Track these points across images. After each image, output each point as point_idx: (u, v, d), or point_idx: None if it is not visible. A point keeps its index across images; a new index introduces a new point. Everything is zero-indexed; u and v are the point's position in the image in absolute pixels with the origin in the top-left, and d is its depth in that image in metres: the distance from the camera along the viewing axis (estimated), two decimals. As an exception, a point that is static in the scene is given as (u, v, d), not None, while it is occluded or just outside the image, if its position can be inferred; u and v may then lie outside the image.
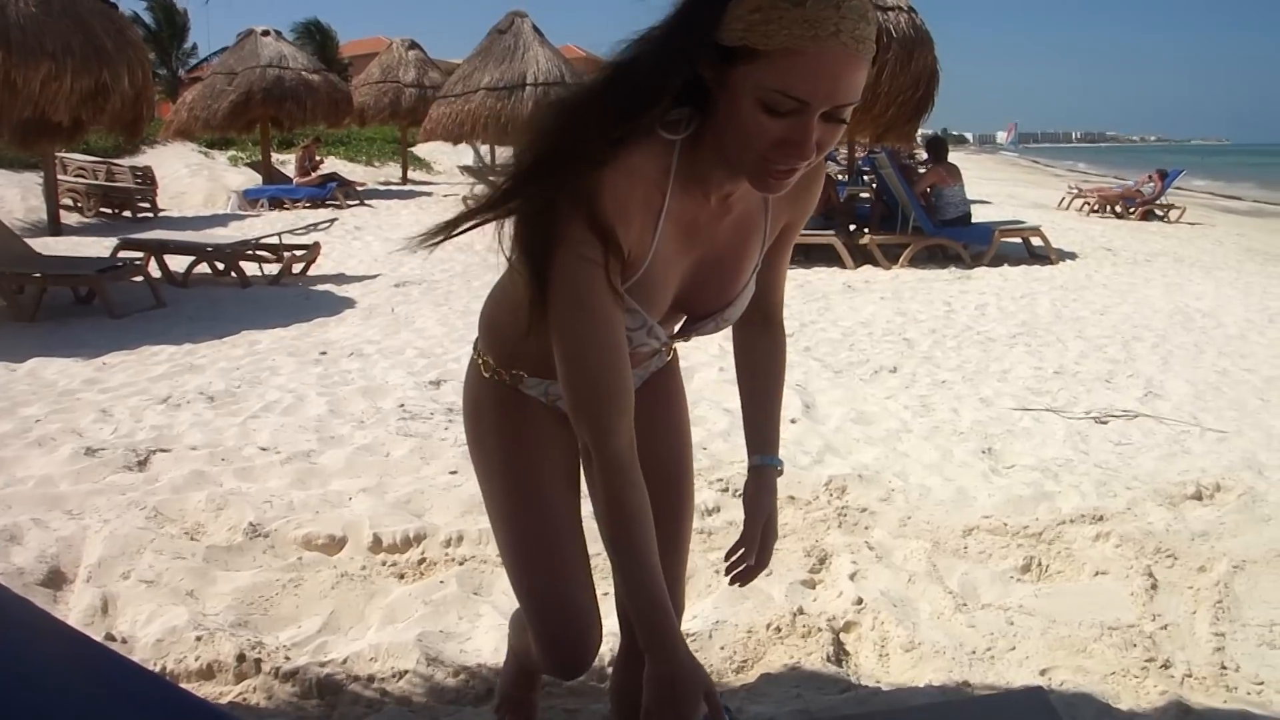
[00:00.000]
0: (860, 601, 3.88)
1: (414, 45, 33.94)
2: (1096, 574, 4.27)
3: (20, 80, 9.37)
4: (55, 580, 4.11)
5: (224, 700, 3.30)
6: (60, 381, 7.36)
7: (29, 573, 4.04)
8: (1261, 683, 3.41)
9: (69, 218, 19.78)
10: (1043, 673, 3.47)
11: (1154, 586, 4.09)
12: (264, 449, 5.68)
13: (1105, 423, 6.50)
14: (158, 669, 3.32)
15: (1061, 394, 7.22)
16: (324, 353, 8.25)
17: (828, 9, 1.58)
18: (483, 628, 3.70)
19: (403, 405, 6.64)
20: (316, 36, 56.55)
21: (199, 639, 3.54)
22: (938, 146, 15.59)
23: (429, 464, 5.53)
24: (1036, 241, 15.16)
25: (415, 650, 3.48)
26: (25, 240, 12.02)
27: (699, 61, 1.70)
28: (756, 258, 2.08)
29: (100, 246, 14.03)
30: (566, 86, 1.96)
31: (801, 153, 1.68)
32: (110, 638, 3.61)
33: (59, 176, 19.59)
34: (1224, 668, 3.49)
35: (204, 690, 3.32)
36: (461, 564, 4.26)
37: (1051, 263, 14.51)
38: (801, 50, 1.58)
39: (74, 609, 3.83)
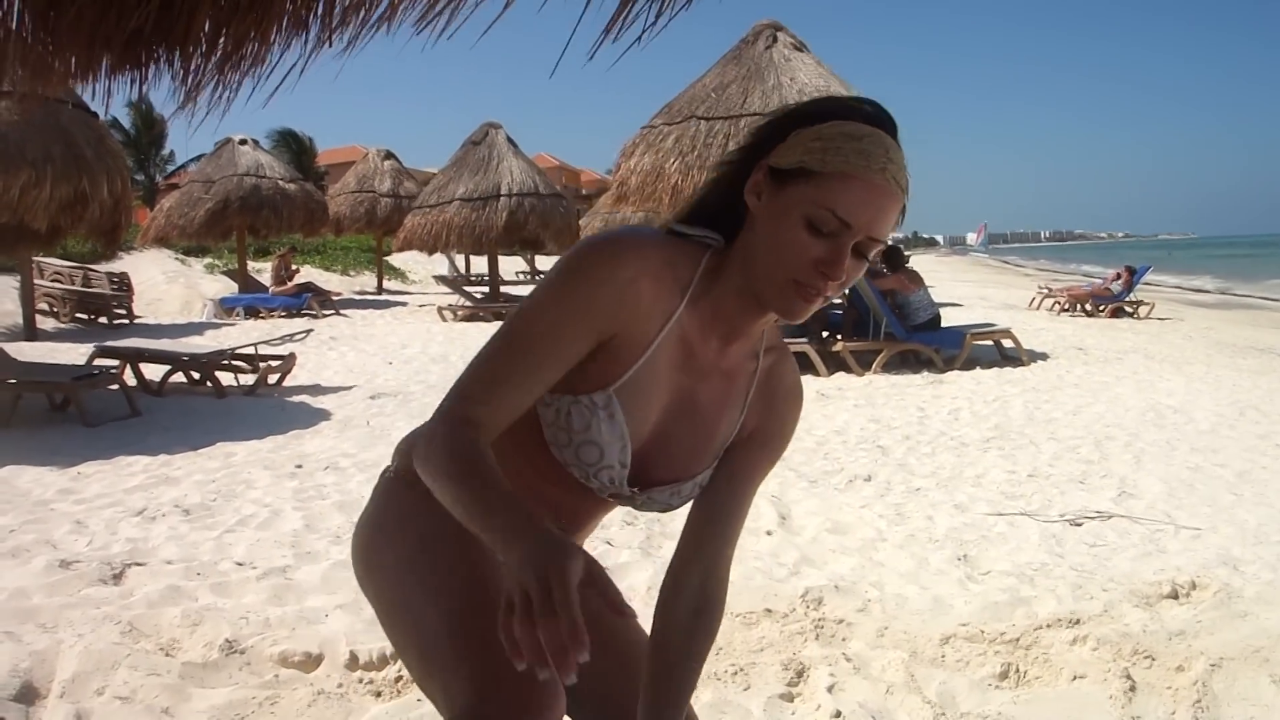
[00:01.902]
0: (839, 714, 3.87)
1: (390, 155, 34.31)
2: (1075, 678, 4.26)
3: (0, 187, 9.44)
4: (28, 695, 4.06)
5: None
6: (34, 491, 7.33)
7: (2, 688, 4.00)
8: (1241, 786, 3.42)
9: (45, 323, 19.81)
10: (1023, 782, 3.47)
11: (1132, 688, 4.10)
12: (240, 564, 5.66)
13: (1080, 524, 6.53)
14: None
15: (1036, 497, 7.26)
16: (299, 466, 8.23)
17: (879, 148, 1.76)
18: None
19: (379, 519, 6.58)
20: (293, 145, 57.15)
21: (174, 758, 3.52)
22: (893, 257, 15.70)
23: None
24: (1008, 343, 15.30)
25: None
26: (0, 345, 12.04)
27: (750, 180, 1.84)
28: (727, 433, 2.07)
29: (76, 353, 14.05)
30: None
31: (835, 272, 1.76)
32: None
33: (35, 281, 19.66)
34: (1204, 771, 3.50)
35: (179, 813, 3.29)
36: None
37: (1024, 364, 14.64)
38: (854, 175, 1.73)
39: (48, 727, 3.80)
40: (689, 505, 2.15)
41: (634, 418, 1.92)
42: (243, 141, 26.29)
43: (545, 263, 44.36)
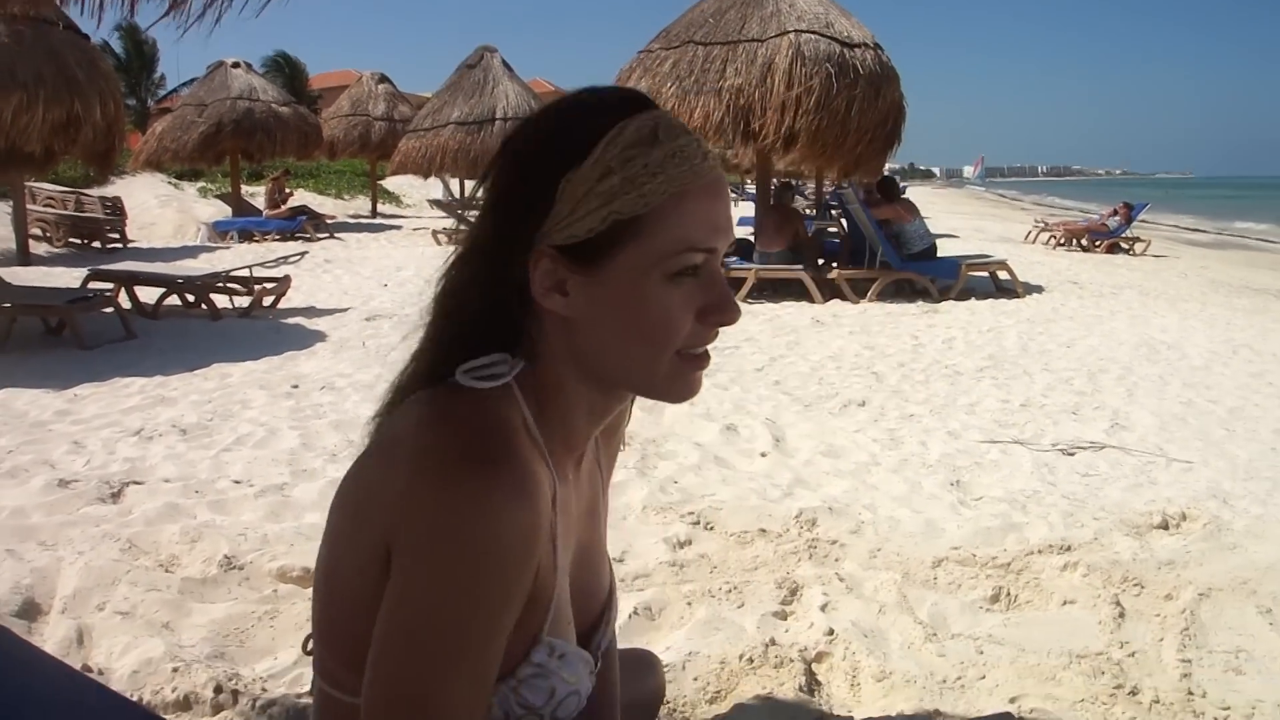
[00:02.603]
0: (831, 632, 3.91)
1: (384, 79, 34.08)
2: (1065, 603, 4.30)
3: (-9, 110, 9.41)
4: (30, 611, 4.10)
5: (201, 732, 3.31)
6: (31, 412, 7.35)
7: (4, 604, 4.03)
8: (1228, 708, 3.46)
9: (38, 247, 19.74)
10: (1012, 700, 3.50)
11: (1121, 615, 4.13)
12: (237, 482, 5.69)
13: (1072, 454, 6.57)
14: (135, 700, 3.33)
15: (1029, 426, 7.30)
16: (295, 386, 8.24)
17: (682, 137, 1.34)
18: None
19: (376, 439, 6.61)
20: (285, 69, 56.71)
21: (175, 670, 3.54)
22: (887, 187, 15.69)
23: (404, 497, 5.54)
24: (1003, 275, 15.29)
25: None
26: (-7, 270, 12.03)
27: (535, 279, 1.35)
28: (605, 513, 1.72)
29: (70, 277, 14.00)
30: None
31: (731, 308, 1.37)
32: (87, 669, 3.60)
33: (28, 206, 19.56)
34: (1190, 694, 3.54)
35: (181, 722, 3.33)
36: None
37: (1018, 296, 14.64)
38: (688, 190, 1.31)
39: (49, 640, 3.82)
40: None
41: (569, 617, 1.49)
42: (235, 65, 26.05)
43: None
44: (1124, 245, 24.43)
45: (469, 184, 34.14)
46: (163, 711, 3.38)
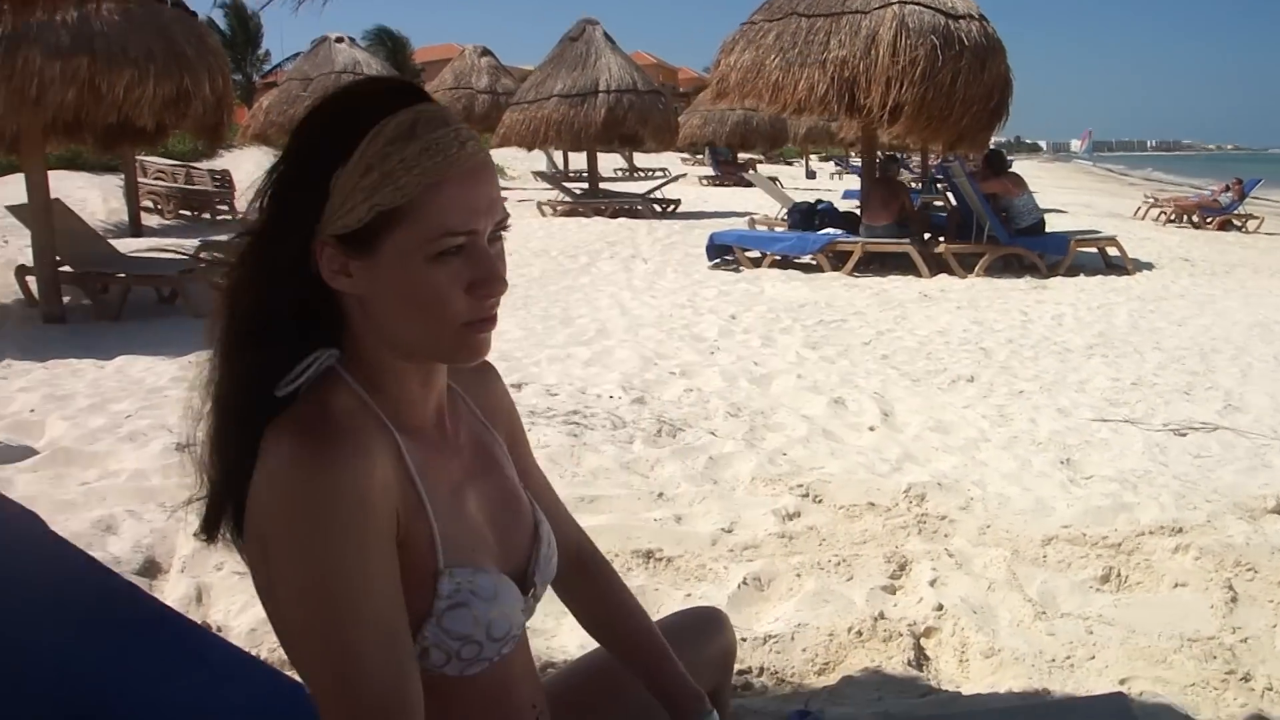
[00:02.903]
0: (940, 608, 3.90)
1: (486, 52, 34.20)
2: (1176, 585, 4.24)
3: (105, 86, 9.56)
4: (150, 570, 4.22)
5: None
6: (148, 379, 7.52)
7: (125, 562, 4.15)
8: (1344, 697, 3.40)
9: (149, 219, 20.12)
10: (1122, 682, 3.46)
11: (1234, 599, 4.07)
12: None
13: (1184, 435, 6.46)
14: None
15: (1140, 405, 7.18)
16: (404, 355, 8.34)
17: (440, 129, 1.43)
18: (566, 626, 3.74)
19: (484, 408, 6.66)
20: (388, 43, 57.18)
21: (291, 631, 3.62)
22: (994, 161, 15.49)
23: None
24: (1113, 251, 15.03)
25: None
26: (108, 241, 12.29)
27: (322, 265, 1.46)
28: (507, 463, 1.81)
29: (181, 248, 14.28)
30: None
31: (496, 280, 1.48)
32: (206, 626, 3.70)
33: (139, 179, 19.96)
34: (1305, 681, 3.48)
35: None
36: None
37: (1128, 273, 14.38)
38: (443, 179, 1.41)
39: (169, 597, 3.92)
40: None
41: (478, 549, 1.61)
42: (339, 39, 26.26)
43: (643, 159, 44.14)
44: (1236, 222, 23.83)
45: (573, 156, 34.33)
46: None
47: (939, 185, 20.93)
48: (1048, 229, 15.11)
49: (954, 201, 15.99)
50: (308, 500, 1.36)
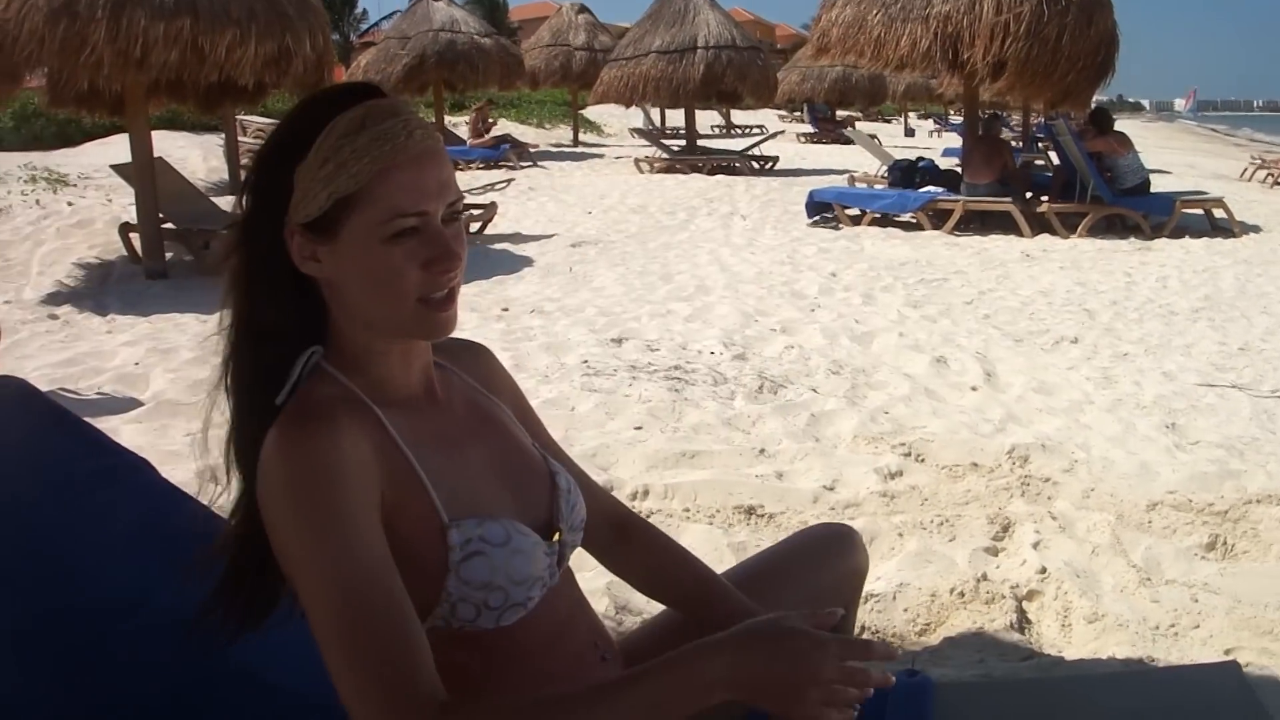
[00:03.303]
0: (1044, 571, 3.87)
1: (583, 9, 34.18)
2: (1284, 555, 4.18)
3: (207, 46, 9.67)
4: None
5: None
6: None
7: (229, 512, 4.24)
8: None
9: (251, 177, 20.37)
10: (1228, 652, 3.41)
11: (1346, 571, 4.00)
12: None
13: (1293, 402, 6.33)
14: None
15: (1247, 371, 7.03)
16: (505, 309, 8.44)
17: (388, 120, 1.55)
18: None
19: (586, 362, 6.76)
20: (485, 1, 57.25)
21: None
22: (1100, 119, 15.18)
23: (614, 419, 5.67)
24: (1219, 213, 14.66)
25: (605, 598, 3.56)
26: (210, 198, 12.51)
27: (294, 253, 1.58)
28: (510, 422, 1.88)
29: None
30: None
31: (451, 258, 1.57)
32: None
33: (239, 139, 20.23)
34: None
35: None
36: (648, 517, 4.34)
37: (1235, 236, 14.02)
38: (392, 165, 1.53)
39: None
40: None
41: (485, 501, 1.68)
42: (436, -2, 26.40)
43: (740, 117, 43.90)
44: (1351, 185, 23.20)
45: (670, 113, 34.25)
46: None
47: (1040, 143, 20.62)
48: (1152, 189, 14.83)
49: (1057, 160, 15.74)
50: (288, 479, 1.50)
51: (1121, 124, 16.26)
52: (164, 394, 6.05)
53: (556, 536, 1.76)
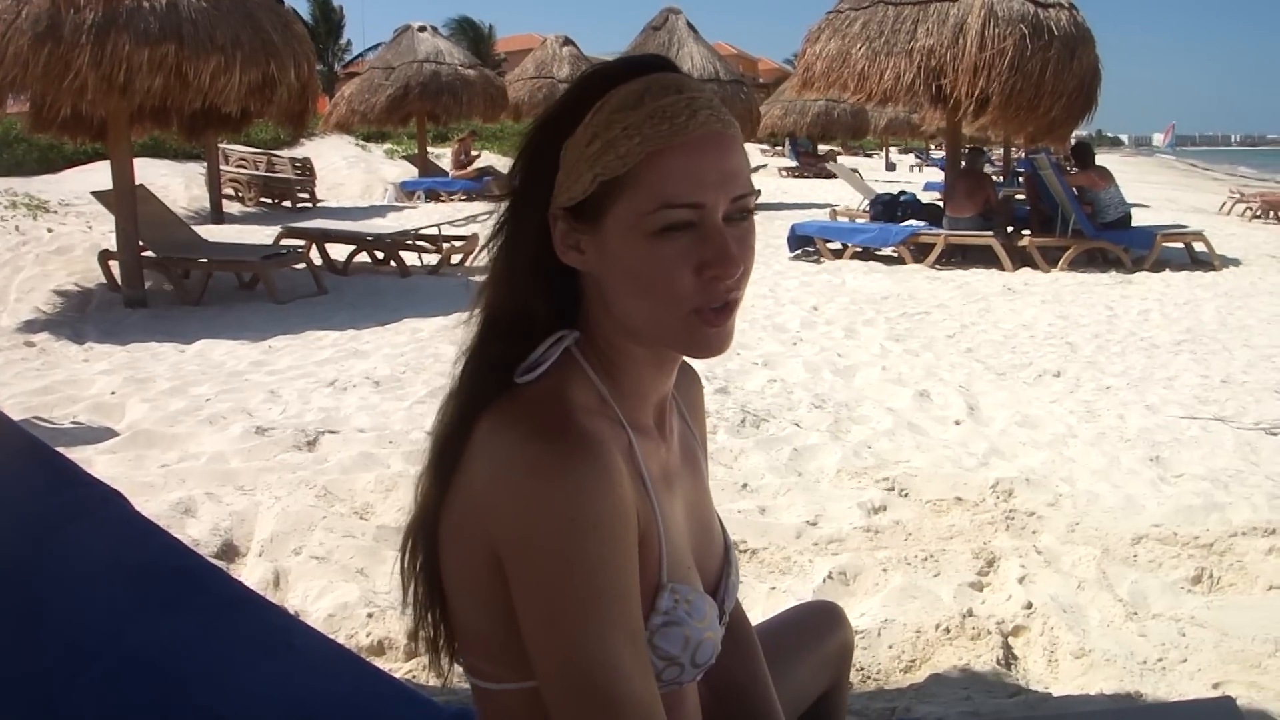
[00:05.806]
0: (1030, 606, 3.83)
1: (568, 41, 34.22)
2: (1270, 588, 4.14)
3: (191, 73, 9.65)
4: (228, 553, 4.26)
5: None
6: (228, 363, 7.61)
7: (203, 544, 4.18)
8: None
9: (230, 206, 20.43)
10: (1216, 686, 3.38)
11: (1332, 604, 3.98)
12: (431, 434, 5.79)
13: (1276, 434, 6.31)
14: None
15: (1229, 403, 7.03)
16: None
17: (669, 96, 1.35)
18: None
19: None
20: (470, 33, 57.63)
21: (370, 616, 3.64)
22: (1082, 153, 15.32)
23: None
24: (1199, 246, 14.73)
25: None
26: (191, 227, 12.47)
27: (556, 241, 1.41)
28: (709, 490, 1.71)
29: (262, 234, 14.46)
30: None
31: (729, 262, 1.35)
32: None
33: (221, 167, 20.23)
34: None
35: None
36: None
37: (1215, 269, 14.10)
38: (666, 147, 1.33)
39: (247, 581, 3.94)
40: None
41: (689, 563, 1.51)
42: (421, 29, 26.46)
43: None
44: (1327, 218, 23.35)
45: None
46: (359, 655, 3.46)
47: (1020, 178, 20.71)
48: (1133, 223, 14.90)
49: (1021, 195, 15.87)
50: (555, 510, 1.29)
51: (1101, 158, 16.35)
52: (140, 424, 5.99)
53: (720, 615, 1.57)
